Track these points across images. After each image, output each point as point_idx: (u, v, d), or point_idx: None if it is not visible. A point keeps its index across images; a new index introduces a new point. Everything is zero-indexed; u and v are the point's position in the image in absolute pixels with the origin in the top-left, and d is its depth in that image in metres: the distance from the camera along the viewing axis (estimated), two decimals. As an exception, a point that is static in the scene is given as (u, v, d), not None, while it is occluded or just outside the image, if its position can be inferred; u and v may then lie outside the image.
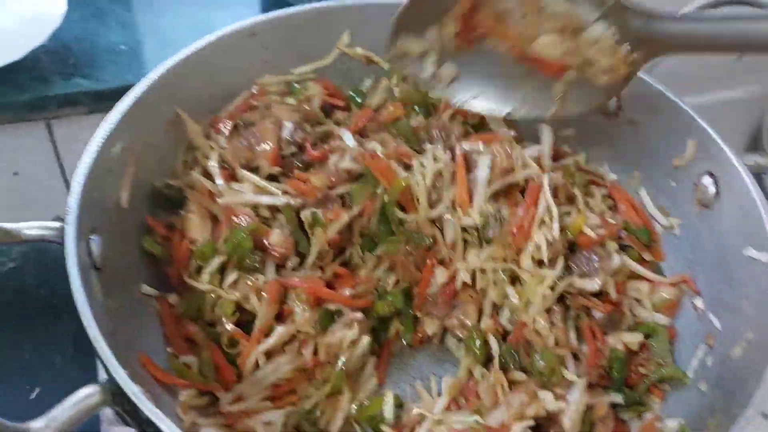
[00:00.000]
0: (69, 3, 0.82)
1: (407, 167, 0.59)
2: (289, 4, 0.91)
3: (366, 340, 0.55)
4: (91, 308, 0.42)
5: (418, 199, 0.57)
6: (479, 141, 0.60)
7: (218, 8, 0.93)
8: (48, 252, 0.45)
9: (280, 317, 0.55)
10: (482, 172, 0.57)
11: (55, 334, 0.76)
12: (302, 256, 0.58)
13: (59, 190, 0.89)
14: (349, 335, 0.53)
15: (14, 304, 0.78)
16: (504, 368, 0.56)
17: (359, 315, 0.55)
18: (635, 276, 0.61)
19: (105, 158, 0.52)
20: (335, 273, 0.58)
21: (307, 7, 0.64)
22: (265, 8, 0.94)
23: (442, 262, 0.58)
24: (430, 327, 0.58)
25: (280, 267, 0.57)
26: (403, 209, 0.58)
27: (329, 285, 0.57)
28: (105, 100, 0.82)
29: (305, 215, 0.57)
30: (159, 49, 0.86)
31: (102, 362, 0.40)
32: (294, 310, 0.54)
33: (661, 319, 0.59)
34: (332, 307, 0.55)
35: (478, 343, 0.56)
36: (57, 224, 0.46)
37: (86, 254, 0.47)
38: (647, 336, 0.58)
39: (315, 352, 0.53)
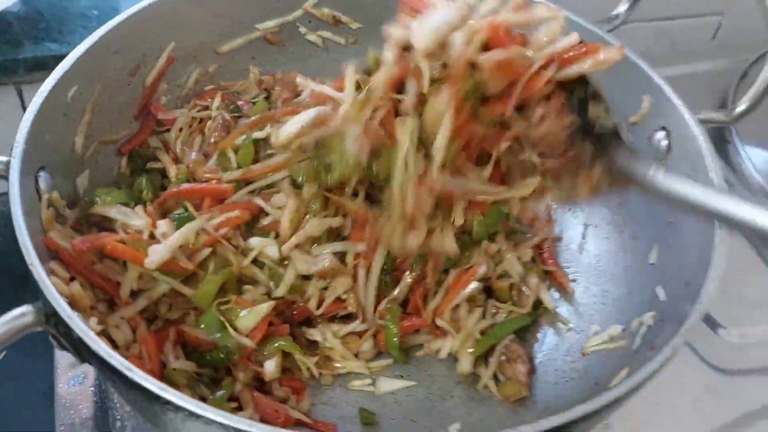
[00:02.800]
0: (42, -31, 0.83)
1: None
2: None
3: None
4: (29, 235, 0.42)
5: None
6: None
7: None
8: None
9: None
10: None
11: (25, 299, 0.76)
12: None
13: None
14: None
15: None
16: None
17: None
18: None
19: (60, 101, 0.52)
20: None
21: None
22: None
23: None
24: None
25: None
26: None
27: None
28: (75, 63, 0.83)
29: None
30: (132, 15, 0.87)
31: (37, 284, 0.41)
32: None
33: None
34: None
35: None
36: (4, 158, 0.47)
37: (33, 188, 0.48)
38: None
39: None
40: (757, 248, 0.79)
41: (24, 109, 0.84)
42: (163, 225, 0.51)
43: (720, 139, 0.88)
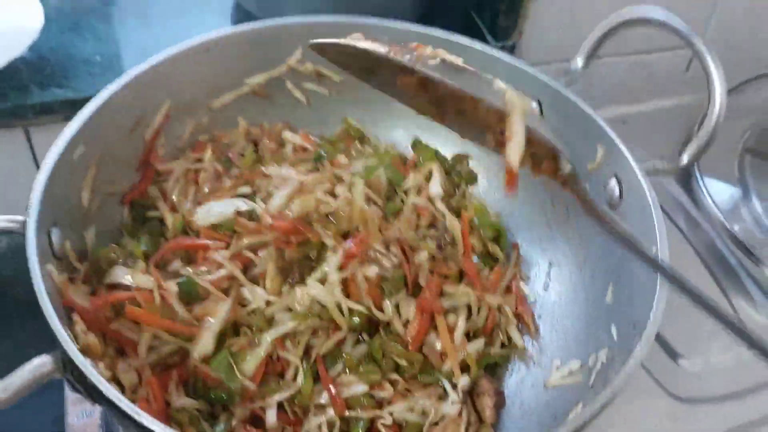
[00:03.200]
0: (47, 16, 0.88)
1: None
2: (254, 17, 0.98)
3: None
4: (45, 287, 0.48)
5: None
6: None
7: (191, 21, 0.99)
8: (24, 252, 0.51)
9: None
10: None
11: (31, 331, 0.81)
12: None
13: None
14: None
15: (-8, 299, 0.84)
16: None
17: None
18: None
19: (67, 159, 0.57)
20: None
21: (258, 23, 0.70)
22: (235, 20, 1.00)
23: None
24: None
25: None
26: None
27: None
28: (80, 108, 0.88)
29: None
30: (133, 61, 0.91)
31: (54, 333, 0.46)
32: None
33: None
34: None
35: None
36: (20, 218, 0.52)
37: (47, 244, 0.53)
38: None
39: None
40: (716, 278, 0.84)
41: (32, 150, 0.90)
42: (173, 288, 0.57)
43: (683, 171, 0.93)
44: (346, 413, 0.58)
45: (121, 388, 0.53)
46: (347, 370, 0.60)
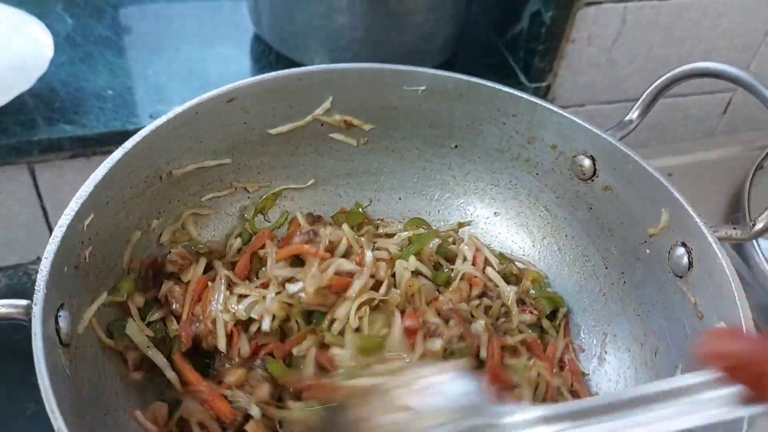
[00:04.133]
0: (56, 46, 0.83)
1: None
2: (274, 50, 0.92)
3: None
4: (53, 390, 0.42)
5: None
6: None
7: (208, 54, 0.94)
8: (24, 294, 0.45)
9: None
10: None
11: (28, 381, 0.76)
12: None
13: (41, 231, 0.89)
14: None
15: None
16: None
17: None
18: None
19: (75, 231, 0.51)
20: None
21: (285, 71, 0.64)
22: (255, 52, 0.95)
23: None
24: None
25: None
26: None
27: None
28: (89, 145, 0.83)
29: None
30: (146, 96, 0.87)
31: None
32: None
33: None
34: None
35: None
36: (23, 302, 0.46)
37: (54, 332, 0.47)
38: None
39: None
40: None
41: (36, 188, 0.85)
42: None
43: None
44: None
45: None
46: None
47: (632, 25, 0.95)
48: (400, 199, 0.75)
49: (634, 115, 0.66)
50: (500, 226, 0.74)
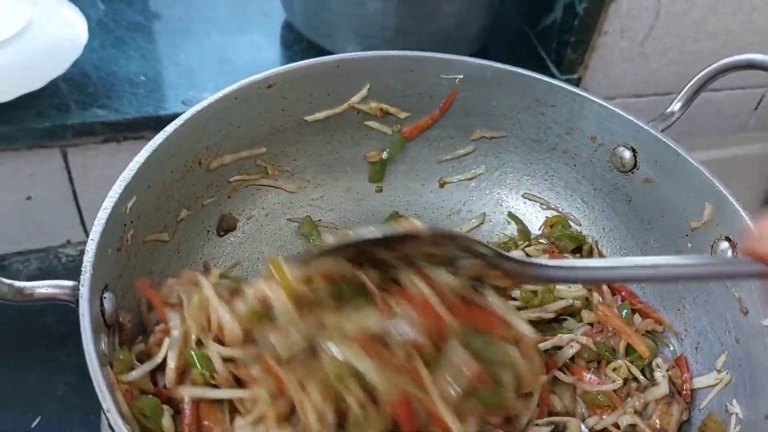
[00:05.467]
0: (89, 30, 0.83)
1: None
2: (305, 38, 0.92)
3: None
4: (103, 374, 0.42)
5: None
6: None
7: (238, 41, 0.94)
8: (54, 276, 0.45)
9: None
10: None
11: (59, 361, 0.77)
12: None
13: (71, 215, 0.90)
14: None
15: (18, 330, 0.79)
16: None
17: None
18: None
19: (119, 213, 0.52)
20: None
21: (323, 58, 0.64)
22: (285, 40, 0.94)
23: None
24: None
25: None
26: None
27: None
28: (121, 130, 0.83)
29: None
30: (178, 81, 0.87)
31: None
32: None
33: None
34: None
35: None
36: (70, 283, 0.47)
37: (99, 313, 0.47)
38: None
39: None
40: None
41: (69, 171, 0.85)
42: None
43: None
44: None
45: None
46: None
47: (665, 19, 0.94)
48: (432, 190, 0.74)
49: (676, 107, 0.66)
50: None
